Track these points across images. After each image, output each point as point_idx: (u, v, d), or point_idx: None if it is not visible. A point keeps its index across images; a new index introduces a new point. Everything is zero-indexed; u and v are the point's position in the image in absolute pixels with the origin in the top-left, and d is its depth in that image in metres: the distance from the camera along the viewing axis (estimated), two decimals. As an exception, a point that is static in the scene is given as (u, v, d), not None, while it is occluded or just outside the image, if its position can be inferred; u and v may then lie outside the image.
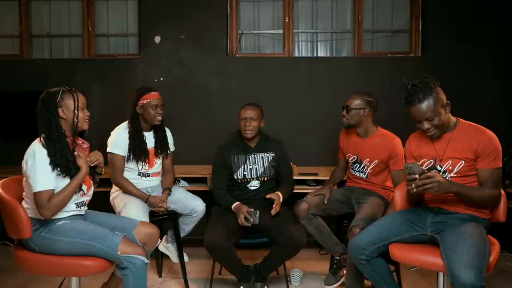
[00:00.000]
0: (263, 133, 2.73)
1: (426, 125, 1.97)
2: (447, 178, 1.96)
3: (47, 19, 3.84)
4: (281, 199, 2.52)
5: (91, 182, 2.07)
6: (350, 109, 2.57)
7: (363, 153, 2.62)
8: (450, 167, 1.98)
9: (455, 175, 1.97)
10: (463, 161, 1.95)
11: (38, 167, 1.82)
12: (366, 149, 2.60)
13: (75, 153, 1.92)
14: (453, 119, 2.04)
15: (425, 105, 1.93)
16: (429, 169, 2.01)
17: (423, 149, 2.10)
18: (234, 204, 2.51)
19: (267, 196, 2.53)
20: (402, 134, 2.44)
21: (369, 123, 2.61)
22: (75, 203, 1.98)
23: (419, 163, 2.00)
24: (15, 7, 3.80)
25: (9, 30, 3.84)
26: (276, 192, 2.56)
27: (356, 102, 2.56)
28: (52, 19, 3.84)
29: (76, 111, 1.94)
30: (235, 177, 2.66)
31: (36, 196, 1.81)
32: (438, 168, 2.01)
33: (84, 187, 2.01)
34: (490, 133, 1.93)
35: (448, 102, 1.98)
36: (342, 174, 2.85)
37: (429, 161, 2.06)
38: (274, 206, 2.46)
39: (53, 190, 1.85)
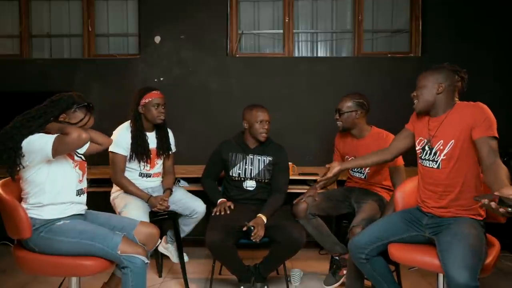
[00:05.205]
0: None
1: (416, 90, 2.04)
2: (438, 159, 1.96)
3: (47, 19, 3.85)
4: (264, 222, 2.40)
5: (85, 168, 2.07)
6: (343, 113, 2.58)
7: (359, 154, 2.61)
8: (441, 147, 1.97)
9: (444, 157, 1.95)
10: (453, 141, 1.93)
11: None
12: (362, 150, 2.60)
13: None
14: (453, 103, 2.01)
15: (428, 73, 2.00)
16: (422, 149, 2.05)
17: (420, 127, 2.11)
18: (220, 200, 2.61)
19: (249, 224, 2.36)
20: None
21: (363, 124, 2.62)
22: (76, 190, 1.99)
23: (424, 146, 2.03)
24: (15, 7, 3.80)
25: (9, 30, 3.84)
26: (259, 215, 2.44)
27: (348, 105, 2.57)
28: (52, 19, 3.84)
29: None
30: (231, 174, 2.68)
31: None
32: (427, 149, 2.02)
33: (79, 172, 2.01)
34: (483, 105, 1.92)
35: (454, 87, 1.99)
36: (333, 178, 2.82)
37: (423, 141, 2.06)
38: (253, 233, 2.33)
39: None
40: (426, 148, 2.02)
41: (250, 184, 2.68)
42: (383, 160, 2.29)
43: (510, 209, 1.54)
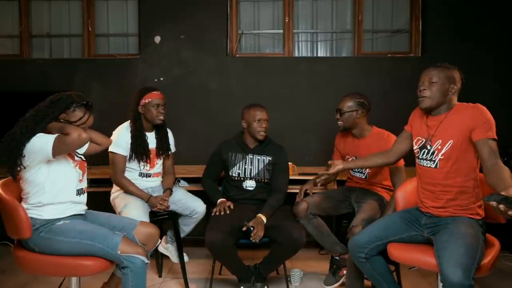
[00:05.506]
0: (267, 136, 2.72)
1: (425, 84, 1.98)
2: (435, 159, 1.96)
3: (47, 19, 3.85)
4: (263, 222, 2.39)
5: (85, 168, 2.08)
6: (343, 112, 2.58)
7: (360, 154, 2.61)
8: (439, 147, 1.97)
9: (442, 157, 1.95)
10: (451, 141, 1.92)
11: None
12: (363, 149, 2.60)
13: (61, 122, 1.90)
14: (453, 103, 2.01)
15: (440, 69, 1.97)
16: (420, 148, 2.04)
17: (417, 126, 2.11)
18: (220, 200, 2.61)
19: (248, 224, 2.35)
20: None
21: (364, 124, 2.62)
22: (76, 190, 1.99)
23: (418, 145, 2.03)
24: (15, 7, 3.80)
25: (9, 30, 3.84)
26: (259, 215, 2.43)
27: (348, 104, 2.57)
28: (52, 19, 3.85)
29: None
30: (230, 174, 2.68)
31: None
32: (428, 147, 2.01)
33: (79, 171, 2.02)
34: (482, 107, 1.91)
35: (459, 88, 1.98)
36: (333, 176, 2.81)
37: (421, 140, 2.06)
38: (253, 234, 2.32)
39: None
40: (427, 146, 2.02)
41: (249, 184, 2.68)
42: (385, 163, 2.28)
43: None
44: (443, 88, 1.96)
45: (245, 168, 2.67)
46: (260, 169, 2.67)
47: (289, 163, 2.83)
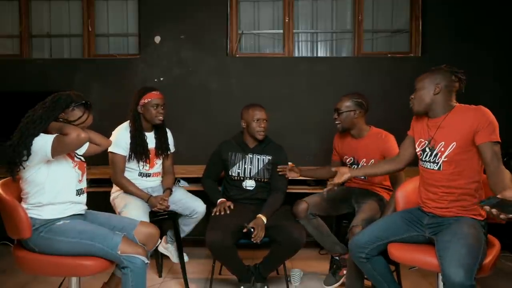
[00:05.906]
0: (266, 136, 2.72)
1: (413, 94, 2.07)
2: (439, 161, 1.96)
3: (47, 19, 3.85)
4: (264, 223, 2.39)
5: (85, 168, 2.08)
6: (341, 112, 2.58)
7: (359, 154, 2.62)
8: (442, 149, 1.96)
9: (446, 159, 1.95)
10: (455, 143, 1.92)
11: None
12: (361, 150, 2.60)
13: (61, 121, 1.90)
14: (452, 104, 2.00)
15: (424, 75, 2.03)
16: (423, 150, 2.04)
17: (419, 129, 2.11)
18: (219, 200, 2.60)
19: (248, 226, 2.34)
20: (401, 134, 2.43)
21: (362, 124, 2.62)
22: (75, 190, 1.99)
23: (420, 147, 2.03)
24: (15, 7, 3.80)
25: (9, 30, 3.84)
26: (259, 215, 2.43)
27: (346, 104, 2.57)
28: (52, 19, 3.84)
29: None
30: (230, 173, 2.68)
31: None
32: (428, 150, 2.01)
33: (79, 172, 2.02)
34: (485, 109, 1.91)
35: (452, 88, 1.97)
36: (331, 174, 2.79)
37: (423, 142, 2.06)
38: (253, 235, 2.32)
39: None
40: (427, 149, 2.02)
41: (249, 184, 2.68)
42: (395, 169, 2.27)
43: (510, 215, 1.54)
44: (426, 91, 2.00)
45: (244, 168, 2.67)
46: (259, 168, 2.68)
47: (289, 163, 2.82)
